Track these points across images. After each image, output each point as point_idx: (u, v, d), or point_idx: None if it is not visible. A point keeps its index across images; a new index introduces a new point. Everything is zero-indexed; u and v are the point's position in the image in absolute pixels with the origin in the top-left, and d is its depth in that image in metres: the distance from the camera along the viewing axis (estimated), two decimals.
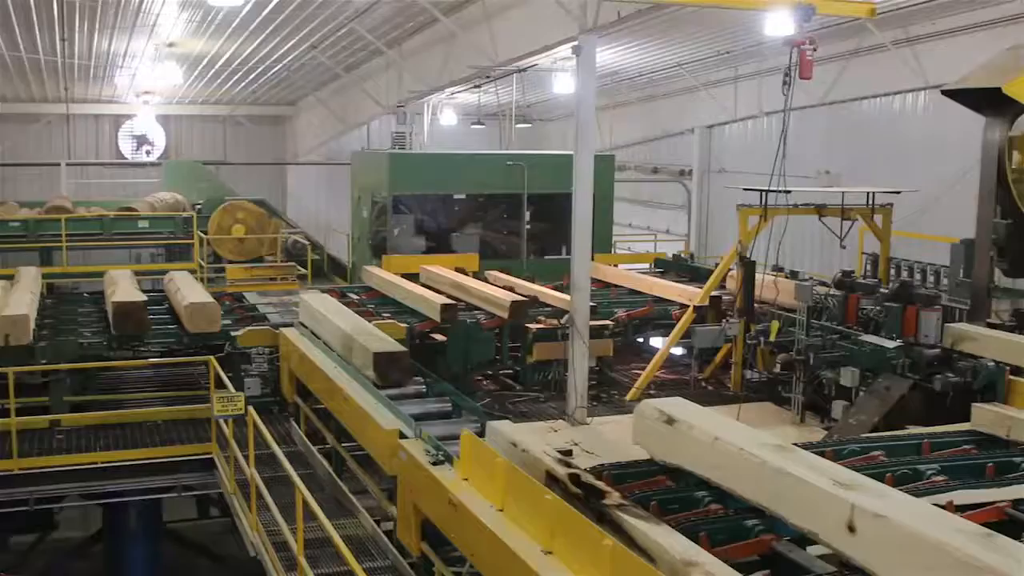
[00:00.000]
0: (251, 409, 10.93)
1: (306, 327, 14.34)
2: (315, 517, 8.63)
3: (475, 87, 26.70)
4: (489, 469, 7.29)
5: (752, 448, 6.81)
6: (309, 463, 12.69)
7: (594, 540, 5.86)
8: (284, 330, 14.32)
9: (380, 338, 12.31)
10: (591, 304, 17.07)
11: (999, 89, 13.38)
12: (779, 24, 13.46)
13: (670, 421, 7.61)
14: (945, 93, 14.76)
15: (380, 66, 27.44)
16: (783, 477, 6.40)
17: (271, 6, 19.94)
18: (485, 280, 19.37)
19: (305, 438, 13.13)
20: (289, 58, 26.40)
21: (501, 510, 7.05)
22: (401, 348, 11.96)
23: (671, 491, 7.64)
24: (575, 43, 13.95)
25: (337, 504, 11.38)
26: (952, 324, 12.96)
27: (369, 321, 15.01)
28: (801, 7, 12.09)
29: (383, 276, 19.05)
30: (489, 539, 6.79)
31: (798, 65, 11.99)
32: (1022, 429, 8.79)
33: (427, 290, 17.64)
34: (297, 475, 12.17)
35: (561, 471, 7.15)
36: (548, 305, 17.47)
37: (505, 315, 16.21)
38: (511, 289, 17.98)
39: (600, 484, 6.84)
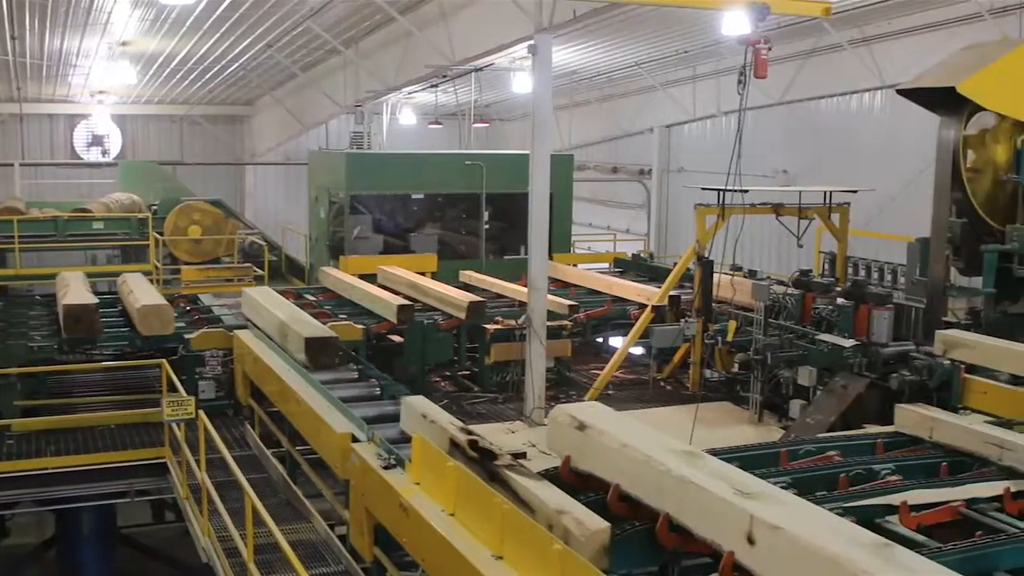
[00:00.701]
0: (202, 413, 10.77)
1: (252, 323, 14.77)
2: (264, 523, 8.50)
3: (432, 87, 26.58)
4: (440, 473, 7.21)
5: (659, 455, 6.70)
6: (264, 467, 12.56)
7: (543, 545, 5.80)
8: (238, 332, 14.17)
9: (312, 324, 13.11)
10: (572, 303, 17.15)
11: (953, 88, 13.44)
12: (735, 23, 13.42)
13: (581, 427, 7.49)
14: (900, 92, 14.81)
15: (337, 65, 27.24)
16: (686, 485, 6.29)
17: (225, 5, 19.70)
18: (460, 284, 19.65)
19: (259, 441, 12.99)
20: (245, 57, 26.11)
21: (452, 514, 6.99)
22: (331, 333, 12.77)
23: None
24: (531, 42, 13.90)
25: (291, 508, 11.26)
26: (943, 331, 12.36)
27: (325, 323, 14.95)
28: (755, 6, 12.06)
29: (340, 277, 18.93)
30: (440, 544, 6.71)
31: (753, 64, 11.95)
32: (944, 430, 8.66)
33: (383, 291, 17.52)
34: (251, 479, 12.13)
35: (462, 437, 7.84)
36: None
37: (463, 315, 16.12)
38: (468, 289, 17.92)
39: (493, 448, 7.58)
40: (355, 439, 8.99)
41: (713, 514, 6.06)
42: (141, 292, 15.68)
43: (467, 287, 19.08)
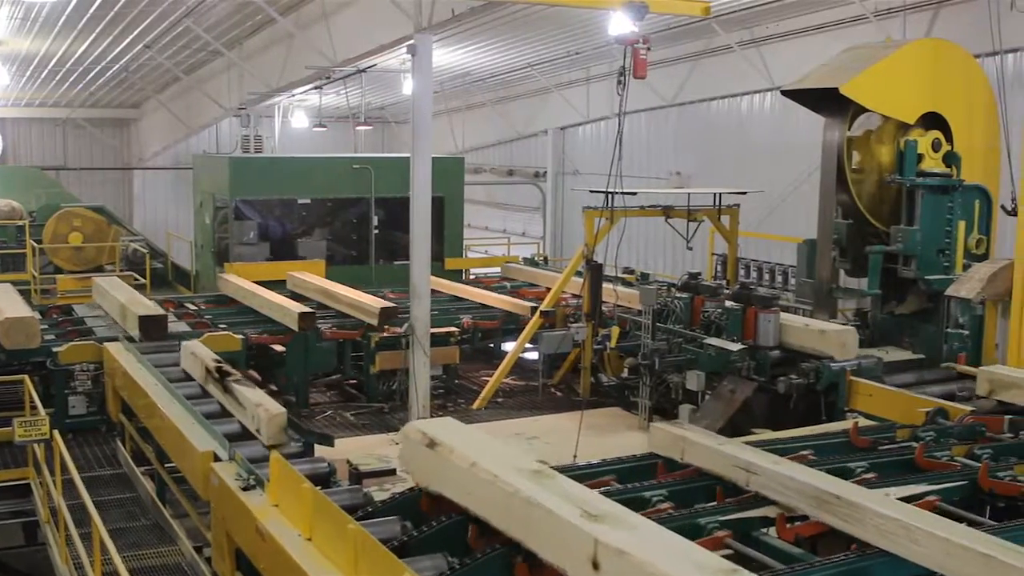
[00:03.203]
0: (56, 433, 10.15)
1: (103, 309, 16.21)
2: (106, 551, 8.02)
3: (316, 88, 26.09)
4: (296, 495, 6.80)
5: (507, 475, 6.35)
6: (134, 486, 12.02)
7: (396, 572, 5.45)
8: (108, 345, 13.52)
9: (145, 304, 14.87)
10: (534, 304, 17.10)
11: (837, 89, 13.41)
12: (621, 24, 13.18)
13: (432, 444, 7.11)
14: (785, 93, 14.79)
15: (221, 67, 26.55)
16: (533, 508, 5.95)
17: (97, 3, 18.97)
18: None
19: (130, 459, 12.41)
20: (125, 58, 25.23)
21: (309, 539, 6.60)
22: (161, 312, 14.53)
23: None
24: (411, 42, 13.55)
25: (159, 530, 10.76)
26: (988, 369, 10.92)
27: (203, 332, 14.42)
28: (633, 6, 11.82)
29: (240, 284, 18.32)
30: (294, 571, 6.32)
31: (632, 65, 11.73)
32: (696, 452, 8.01)
33: (285, 298, 17.07)
34: (120, 499, 11.68)
35: (211, 364, 10.95)
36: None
37: (375, 322, 15.61)
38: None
39: (231, 370, 10.75)
40: (217, 458, 8.53)
41: (559, 538, 5.73)
42: (5, 303, 14.93)
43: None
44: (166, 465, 10.98)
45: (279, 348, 15.68)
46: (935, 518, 6.37)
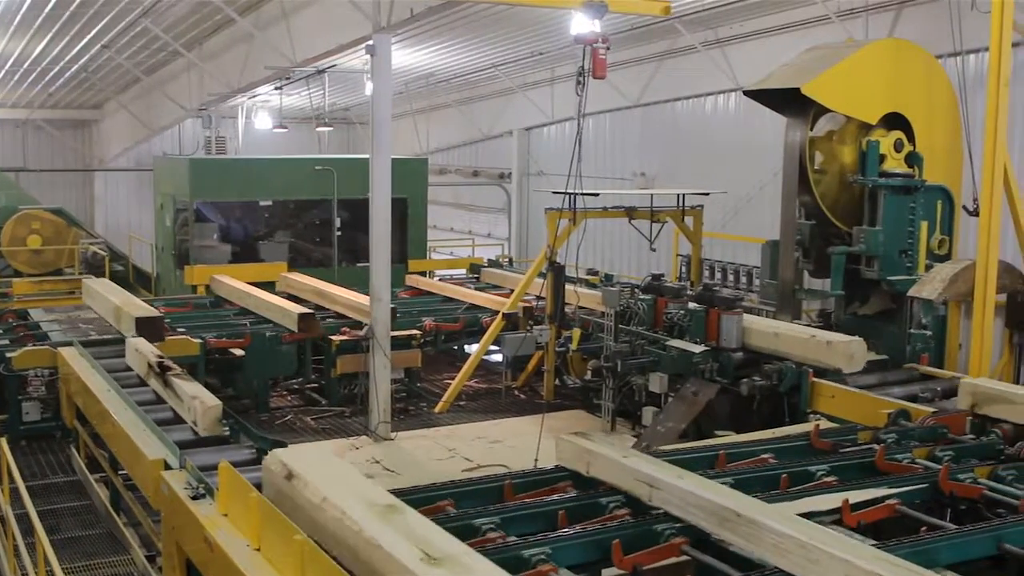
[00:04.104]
0: (2, 441, 9.92)
1: (93, 309, 16.45)
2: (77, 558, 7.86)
3: (277, 88, 25.88)
4: (245, 504, 6.64)
5: (353, 512, 6.08)
6: (88, 494, 11.82)
7: None
8: (62, 350, 13.29)
9: (142, 307, 14.78)
10: (513, 312, 16.87)
11: (799, 89, 13.35)
12: (581, 24, 13.08)
13: (289, 476, 6.85)
14: (747, 94, 14.74)
15: (181, 68, 26.24)
16: (375, 550, 5.70)
17: (52, 2, 18.66)
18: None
19: (84, 466, 12.21)
20: (84, 59, 24.87)
21: (258, 549, 6.43)
22: (158, 314, 14.50)
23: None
24: (369, 42, 13.39)
25: (112, 539, 10.58)
26: (971, 381, 10.15)
27: (164, 337, 14.27)
28: (592, 5, 11.72)
29: (234, 285, 18.23)
30: None
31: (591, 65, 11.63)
32: (600, 465, 7.69)
33: (282, 299, 16.99)
34: (74, 507, 11.49)
35: (153, 359, 11.27)
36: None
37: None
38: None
39: (170, 363, 11.11)
40: (168, 466, 8.35)
41: None
42: None
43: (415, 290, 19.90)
44: (119, 472, 10.80)
45: (238, 352, 15.49)
46: (834, 536, 6.13)
